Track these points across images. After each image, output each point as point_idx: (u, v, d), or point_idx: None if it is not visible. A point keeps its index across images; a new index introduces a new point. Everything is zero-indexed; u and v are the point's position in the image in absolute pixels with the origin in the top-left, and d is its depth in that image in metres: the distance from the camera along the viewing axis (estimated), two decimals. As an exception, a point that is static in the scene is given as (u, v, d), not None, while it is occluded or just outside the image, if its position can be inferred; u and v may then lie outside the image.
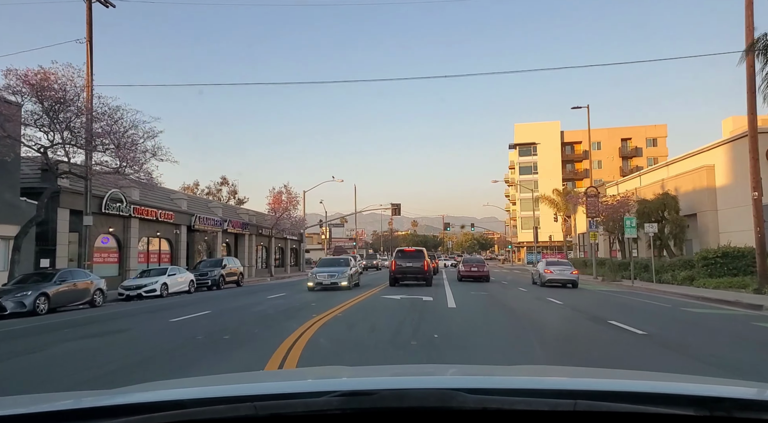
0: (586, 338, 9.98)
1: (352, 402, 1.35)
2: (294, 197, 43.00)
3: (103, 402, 1.53)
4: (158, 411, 1.33)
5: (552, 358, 7.90)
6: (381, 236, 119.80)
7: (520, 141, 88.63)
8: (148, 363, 7.61)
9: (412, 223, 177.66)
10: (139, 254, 27.90)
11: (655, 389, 1.60)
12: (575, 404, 1.32)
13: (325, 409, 1.32)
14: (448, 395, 1.36)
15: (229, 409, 1.32)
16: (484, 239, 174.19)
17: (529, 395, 1.45)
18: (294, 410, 1.33)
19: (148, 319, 13.98)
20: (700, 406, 1.34)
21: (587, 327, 11.56)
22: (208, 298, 20.66)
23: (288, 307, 15.68)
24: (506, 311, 14.95)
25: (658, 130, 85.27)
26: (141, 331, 11.64)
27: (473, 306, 16.03)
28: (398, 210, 57.51)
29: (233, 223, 38.22)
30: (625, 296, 20.89)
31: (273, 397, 1.44)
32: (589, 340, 9.73)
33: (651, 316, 13.90)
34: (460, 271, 31.04)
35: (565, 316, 13.87)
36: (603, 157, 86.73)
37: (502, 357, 7.77)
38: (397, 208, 57.51)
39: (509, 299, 19.21)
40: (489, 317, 13.52)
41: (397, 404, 1.36)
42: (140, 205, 27.04)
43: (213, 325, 11.81)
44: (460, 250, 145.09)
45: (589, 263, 42.17)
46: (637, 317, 13.19)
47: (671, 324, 12.25)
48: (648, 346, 8.97)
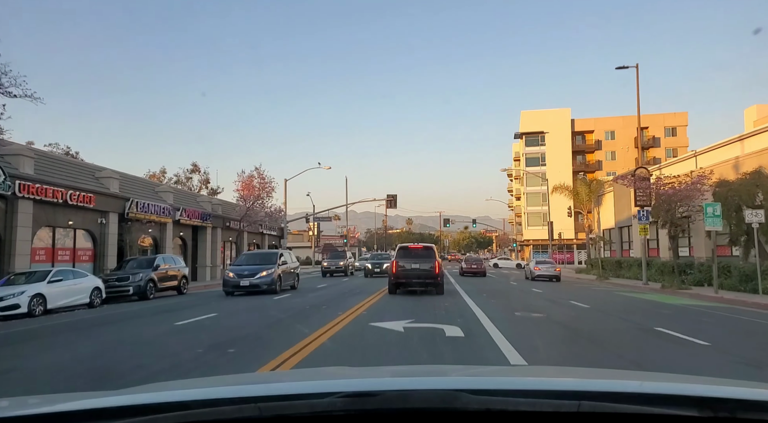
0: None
1: (356, 403, 1.35)
2: (268, 183, 35.37)
3: (106, 403, 1.50)
4: (162, 412, 1.33)
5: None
6: (375, 234, 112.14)
7: (527, 130, 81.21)
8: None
9: (407, 221, 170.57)
10: (36, 251, 20.12)
11: (659, 390, 1.60)
12: (579, 405, 1.31)
13: (329, 410, 1.32)
14: (452, 396, 1.36)
15: (233, 410, 1.32)
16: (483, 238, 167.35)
17: (533, 396, 1.44)
18: (298, 411, 1.33)
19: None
20: (703, 407, 1.33)
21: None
22: (88, 323, 12.99)
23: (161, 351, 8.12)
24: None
25: (677, 119, 78.04)
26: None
27: (545, 351, 8.48)
28: (394, 202, 49.91)
29: (189, 213, 30.54)
30: (739, 316, 13.56)
31: (277, 398, 1.44)
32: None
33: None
34: (462, 267, 38.02)
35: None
36: (617, 148, 79.57)
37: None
38: (393, 200, 49.94)
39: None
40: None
41: (401, 405, 1.36)
42: (34, 181, 19.28)
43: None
44: (457, 249, 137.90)
45: (625, 264, 34.70)
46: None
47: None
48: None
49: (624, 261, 34.93)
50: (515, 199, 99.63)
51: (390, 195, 49.89)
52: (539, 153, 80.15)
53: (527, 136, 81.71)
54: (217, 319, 12.70)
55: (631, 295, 21.86)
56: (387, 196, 50.17)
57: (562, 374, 2.57)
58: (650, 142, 77.82)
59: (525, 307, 15.30)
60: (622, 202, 39.90)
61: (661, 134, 77.70)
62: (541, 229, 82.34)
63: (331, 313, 13.07)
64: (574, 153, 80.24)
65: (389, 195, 49.91)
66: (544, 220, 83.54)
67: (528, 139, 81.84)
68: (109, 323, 12.81)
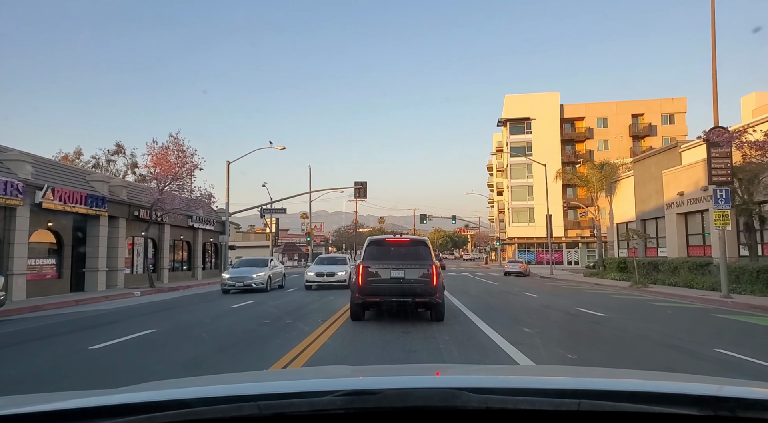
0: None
1: (356, 401, 1.34)
2: (189, 155, 25.99)
3: (106, 401, 1.49)
4: (162, 410, 1.31)
5: None
6: (344, 233, 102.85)
7: (512, 116, 73.21)
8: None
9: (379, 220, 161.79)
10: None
11: (659, 389, 1.59)
12: (579, 404, 1.30)
13: (329, 409, 1.31)
14: (452, 394, 1.34)
15: (233, 409, 1.30)
16: (458, 236, 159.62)
17: (533, 395, 1.44)
18: (298, 410, 1.31)
19: None
20: (704, 406, 1.32)
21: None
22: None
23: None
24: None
25: (676, 105, 71.07)
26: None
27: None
28: (363, 190, 40.96)
29: (65, 195, 20.97)
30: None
31: (277, 397, 1.42)
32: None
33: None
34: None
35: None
36: (610, 136, 72.23)
37: None
38: (362, 189, 40.99)
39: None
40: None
41: (401, 404, 1.35)
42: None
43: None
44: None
45: (666, 266, 26.40)
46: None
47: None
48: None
49: (665, 262, 26.61)
50: (497, 195, 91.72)
51: (358, 182, 41.02)
52: (525, 142, 72.23)
53: (512, 123, 73.71)
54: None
55: (740, 319, 13.45)
56: (355, 184, 41.27)
57: (562, 373, 2.56)
58: (646, 130, 70.76)
59: (615, 355, 6.80)
60: (648, 188, 31.75)
61: (658, 122, 70.65)
62: (526, 226, 74.38)
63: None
64: (562, 142, 72.62)
65: (357, 182, 41.05)
66: (531, 216, 75.59)
67: (513, 127, 73.84)
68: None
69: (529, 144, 71.92)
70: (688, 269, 23.86)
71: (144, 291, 23.29)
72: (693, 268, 23.62)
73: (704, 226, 26.29)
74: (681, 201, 27.54)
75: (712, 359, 7.68)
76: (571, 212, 72.91)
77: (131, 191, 27.33)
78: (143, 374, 6.49)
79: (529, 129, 72.51)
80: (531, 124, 72.16)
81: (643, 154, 34.54)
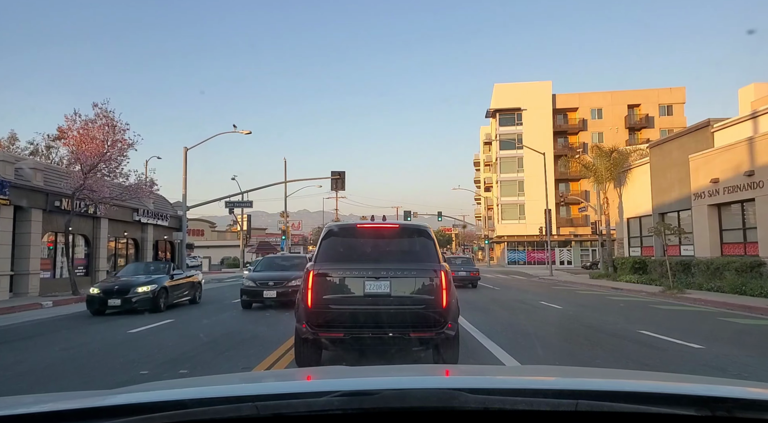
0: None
1: (354, 402, 1.33)
2: (120, 131, 20.87)
3: (104, 402, 1.48)
4: (160, 411, 1.30)
5: None
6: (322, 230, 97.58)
7: (502, 106, 68.87)
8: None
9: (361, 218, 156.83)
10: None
11: (657, 389, 1.57)
12: (577, 404, 1.30)
13: (327, 409, 1.30)
14: (450, 395, 1.34)
15: (230, 409, 1.30)
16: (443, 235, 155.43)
17: (531, 395, 1.42)
18: (296, 410, 1.31)
19: None
20: (701, 406, 1.31)
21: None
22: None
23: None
24: None
25: (674, 95, 67.35)
26: None
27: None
28: (341, 181, 36.04)
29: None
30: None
31: (275, 397, 1.40)
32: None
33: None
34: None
35: None
36: (605, 128, 68.31)
37: None
38: (340, 179, 36.06)
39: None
40: None
41: (399, 404, 1.34)
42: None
43: None
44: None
45: (704, 268, 21.98)
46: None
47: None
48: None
49: (701, 262, 22.20)
50: (484, 191, 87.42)
51: (335, 172, 36.17)
52: (516, 134, 67.87)
53: (501, 114, 69.42)
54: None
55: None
56: (332, 173, 36.41)
57: (559, 374, 2.52)
58: (643, 122, 66.99)
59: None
60: (668, 176, 27.39)
61: (656, 112, 66.91)
62: (517, 223, 70.12)
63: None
64: (555, 134, 68.54)
65: (334, 172, 36.24)
66: (521, 213, 71.38)
67: (502, 118, 69.55)
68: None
69: (519, 136, 67.55)
70: (735, 271, 19.48)
71: (60, 300, 18.23)
72: (742, 270, 19.23)
73: (745, 220, 21.96)
74: (714, 190, 23.16)
75: None
76: (564, 209, 68.92)
77: (50, 176, 22.11)
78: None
79: (520, 120, 68.24)
80: (522, 115, 67.79)
81: (664, 138, 30.19)
